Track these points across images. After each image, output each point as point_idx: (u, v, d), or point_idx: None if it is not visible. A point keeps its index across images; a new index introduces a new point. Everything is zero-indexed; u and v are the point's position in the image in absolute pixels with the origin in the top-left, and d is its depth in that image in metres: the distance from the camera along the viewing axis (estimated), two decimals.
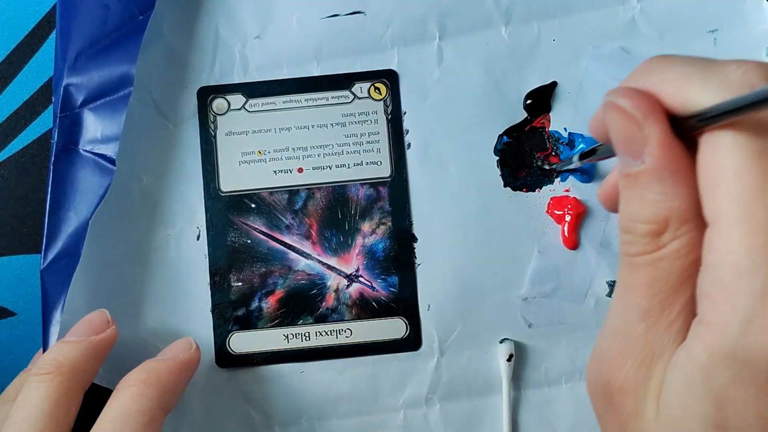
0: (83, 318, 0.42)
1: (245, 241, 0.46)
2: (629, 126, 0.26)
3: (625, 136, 0.27)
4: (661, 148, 0.26)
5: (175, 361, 0.41)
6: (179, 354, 0.42)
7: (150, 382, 0.39)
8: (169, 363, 0.41)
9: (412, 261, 0.46)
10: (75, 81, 0.44)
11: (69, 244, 0.43)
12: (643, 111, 0.26)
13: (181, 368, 0.41)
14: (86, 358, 0.39)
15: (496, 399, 0.46)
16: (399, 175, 0.46)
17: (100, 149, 0.43)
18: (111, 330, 0.41)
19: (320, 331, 0.45)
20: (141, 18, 0.44)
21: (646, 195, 0.26)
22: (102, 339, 0.41)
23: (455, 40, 0.47)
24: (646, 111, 0.26)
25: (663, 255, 0.26)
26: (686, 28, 0.46)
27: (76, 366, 0.39)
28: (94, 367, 0.40)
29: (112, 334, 0.41)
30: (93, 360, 0.40)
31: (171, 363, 0.41)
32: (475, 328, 0.46)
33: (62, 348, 0.39)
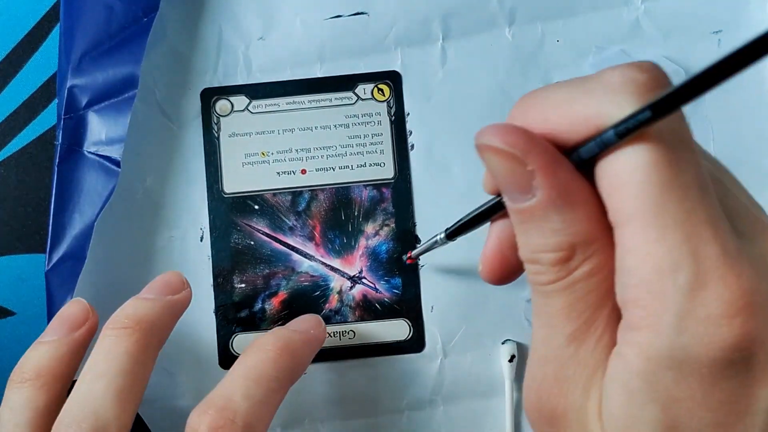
0: (159, 276, 0.41)
1: (248, 242, 0.46)
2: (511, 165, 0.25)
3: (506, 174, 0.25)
4: (550, 179, 0.25)
5: (309, 336, 0.40)
6: (311, 329, 0.41)
7: (286, 350, 0.38)
8: (304, 336, 0.40)
9: (416, 262, 0.46)
10: (79, 82, 0.43)
11: (74, 246, 0.43)
12: (521, 147, 0.25)
13: (314, 344, 0.41)
14: (163, 317, 0.38)
15: (500, 400, 0.46)
16: (402, 177, 0.46)
17: (104, 151, 0.43)
18: (186, 291, 0.40)
19: None
20: (145, 20, 0.44)
21: (546, 226, 0.25)
22: (178, 299, 0.40)
23: (459, 41, 0.47)
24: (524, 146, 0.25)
25: (576, 278, 0.25)
26: (690, 30, 0.46)
27: (153, 323, 0.38)
28: (170, 327, 0.39)
29: (187, 295, 0.40)
30: (169, 320, 0.39)
31: (305, 336, 0.40)
32: (479, 329, 0.46)
33: (139, 304, 0.38)
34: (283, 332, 0.39)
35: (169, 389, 0.45)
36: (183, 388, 0.45)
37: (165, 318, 0.39)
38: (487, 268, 0.32)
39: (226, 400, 0.35)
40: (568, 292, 0.25)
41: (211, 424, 0.34)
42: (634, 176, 0.23)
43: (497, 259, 0.32)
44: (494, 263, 0.32)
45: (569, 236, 0.25)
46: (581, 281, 0.25)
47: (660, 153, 0.23)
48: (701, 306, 0.23)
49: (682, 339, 0.23)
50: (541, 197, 0.25)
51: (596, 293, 0.25)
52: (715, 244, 0.23)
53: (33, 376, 0.37)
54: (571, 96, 0.25)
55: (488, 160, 0.26)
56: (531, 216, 0.25)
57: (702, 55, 0.46)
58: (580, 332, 0.26)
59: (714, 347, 0.23)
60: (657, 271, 0.23)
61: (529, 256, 0.26)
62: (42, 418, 0.36)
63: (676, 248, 0.23)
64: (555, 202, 0.25)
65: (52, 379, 0.37)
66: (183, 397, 0.45)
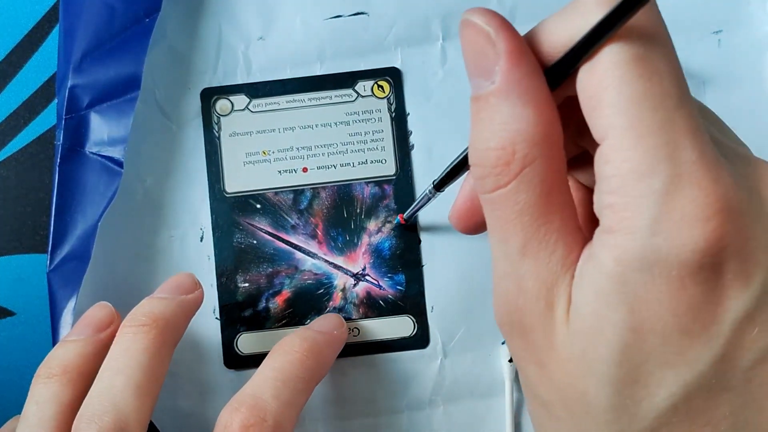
0: (171, 278, 0.42)
1: (251, 241, 0.46)
2: (481, 41, 0.25)
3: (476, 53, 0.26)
4: (512, 65, 0.25)
5: (333, 336, 0.42)
6: (334, 329, 0.42)
7: (313, 352, 0.39)
8: (328, 337, 0.41)
9: (419, 258, 0.46)
10: (80, 82, 0.43)
11: (76, 247, 0.43)
12: (495, 25, 0.25)
13: (337, 344, 0.42)
14: (178, 315, 0.39)
15: (500, 401, 0.46)
16: (404, 173, 0.46)
17: (107, 151, 0.43)
18: (199, 292, 0.41)
19: None
20: (147, 20, 0.44)
21: (495, 118, 0.25)
22: (191, 299, 0.41)
23: (459, 41, 0.47)
24: (498, 26, 0.25)
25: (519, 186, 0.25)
26: (690, 29, 0.47)
27: (169, 321, 0.38)
28: (184, 326, 0.40)
29: (199, 295, 0.41)
30: (184, 318, 0.40)
31: (330, 337, 0.41)
32: (479, 329, 0.46)
33: (154, 303, 0.39)
34: (308, 333, 0.40)
35: (172, 389, 0.45)
36: (187, 388, 0.45)
37: (179, 316, 0.39)
38: (456, 212, 0.33)
39: (257, 399, 0.36)
40: (512, 200, 0.26)
41: (244, 421, 0.35)
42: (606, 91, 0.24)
43: (466, 206, 0.33)
44: (462, 209, 0.33)
45: (513, 133, 0.25)
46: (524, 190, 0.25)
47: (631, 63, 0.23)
48: (676, 209, 0.23)
49: (654, 241, 0.23)
50: (499, 82, 0.25)
51: (541, 204, 0.25)
52: (693, 149, 0.23)
53: (59, 372, 0.37)
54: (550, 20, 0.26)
55: (465, 37, 0.26)
56: (486, 104, 0.25)
57: (702, 55, 0.46)
58: (531, 245, 0.26)
59: (685, 249, 0.23)
60: (633, 176, 0.23)
61: (475, 156, 0.26)
62: (66, 413, 0.36)
63: (651, 153, 0.23)
64: (510, 91, 0.25)
65: (78, 375, 0.38)
66: (187, 397, 0.45)
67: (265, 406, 0.36)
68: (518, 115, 0.25)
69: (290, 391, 0.37)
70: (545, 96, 0.25)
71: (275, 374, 0.37)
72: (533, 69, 0.25)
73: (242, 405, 0.36)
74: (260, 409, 0.36)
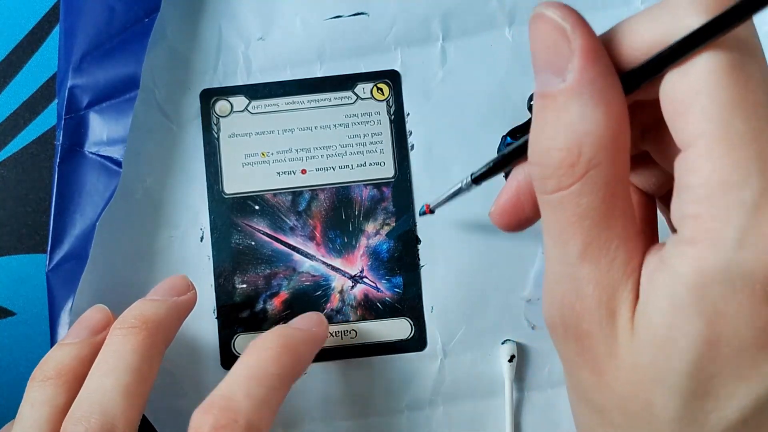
0: (164, 280, 0.42)
1: (249, 243, 0.46)
2: (556, 37, 0.25)
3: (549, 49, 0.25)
4: (587, 64, 0.24)
5: (310, 333, 0.41)
6: (313, 327, 0.42)
7: (288, 348, 0.38)
8: (305, 334, 0.40)
9: (417, 261, 0.46)
10: (80, 82, 0.43)
11: (75, 247, 0.43)
12: (572, 22, 0.24)
13: (316, 341, 0.41)
14: (169, 317, 0.39)
15: (500, 401, 0.46)
16: (402, 176, 0.46)
17: (106, 151, 0.43)
18: (191, 293, 0.41)
19: None
20: (147, 20, 0.44)
21: (563, 117, 0.25)
22: (183, 300, 0.41)
23: (459, 41, 0.47)
24: (575, 22, 0.24)
25: (582, 189, 0.25)
26: None
27: (159, 323, 0.38)
28: (175, 328, 0.40)
29: (192, 297, 0.41)
30: (175, 320, 0.40)
31: (307, 334, 0.40)
32: (479, 330, 0.46)
33: (146, 305, 0.39)
34: (284, 330, 0.40)
35: (170, 389, 0.45)
36: (184, 388, 0.45)
37: (171, 318, 0.39)
38: (499, 209, 0.32)
39: (228, 399, 0.35)
40: (574, 203, 0.25)
41: (215, 423, 0.34)
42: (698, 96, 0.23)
43: (511, 203, 0.32)
44: (507, 206, 0.32)
45: (581, 134, 0.24)
46: (585, 195, 0.25)
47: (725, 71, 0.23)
48: (765, 223, 0.22)
49: (740, 254, 0.23)
50: (571, 81, 0.24)
51: (603, 209, 0.25)
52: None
53: (54, 375, 0.37)
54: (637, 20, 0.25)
55: (537, 31, 0.25)
56: (553, 101, 0.25)
57: None
58: (591, 250, 0.25)
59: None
60: (722, 187, 0.23)
61: (538, 155, 0.26)
62: (60, 416, 0.36)
63: (742, 164, 0.22)
64: (582, 91, 0.24)
65: (73, 378, 0.38)
66: (184, 398, 0.45)
67: (237, 407, 0.35)
68: (588, 116, 0.24)
69: (264, 389, 0.36)
70: (618, 98, 0.25)
71: (248, 372, 0.36)
72: (608, 69, 0.25)
73: (213, 406, 0.35)
74: (232, 410, 0.35)
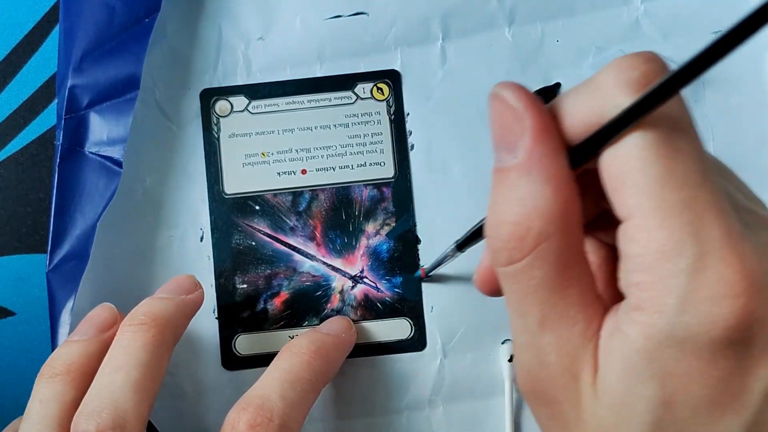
0: (172, 279, 0.42)
1: (250, 243, 0.46)
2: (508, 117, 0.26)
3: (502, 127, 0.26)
4: (535, 143, 0.25)
5: (340, 339, 0.42)
6: (342, 332, 0.43)
7: (320, 354, 0.40)
8: (336, 339, 0.42)
9: (417, 261, 0.46)
10: (80, 82, 0.43)
11: (76, 247, 0.43)
12: (524, 102, 0.25)
13: (345, 347, 0.43)
14: (178, 315, 0.40)
15: (499, 401, 0.46)
16: (402, 176, 0.46)
17: (106, 151, 0.43)
18: (199, 292, 0.42)
19: None
20: (147, 20, 0.44)
21: (514, 192, 0.25)
22: (191, 299, 0.41)
23: (458, 41, 0.47)
24: (526, 103, 0.25)
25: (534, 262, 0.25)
26: (690, 30, 0.46)
27: (168, 320, 0.39)
28: (183, 326, 0.41)
29: (200, 296, 0.42)
30: (183, 318, 0.41)
31: (338, 340, 0.42)
32: (479, 329, 0.46)
33: (154, 303, 0.40)
34: (316, 335, 0.41)
35: (170, 389, 0.45)
36: (184, 388, 0.45)
37: (179, 316, 0.40)
38: (480, 277, 0.33)
39: (264, 399, 0.37)
40: (527, 275, 0.26)
41: (250, 421, 0.36)
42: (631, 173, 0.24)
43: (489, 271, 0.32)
44: (486, 275, 0.33)
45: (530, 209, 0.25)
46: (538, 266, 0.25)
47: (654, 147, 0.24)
48: (703, 286, 0.23)
49: (683, 318, 0.23)
50: (521, 158, 0.25)
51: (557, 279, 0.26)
52: (718, 227, 0.23)
53: (63, 371, 0.38)
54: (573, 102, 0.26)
55: (492, 110, 0.26)
56: (505, 178, 0.26)
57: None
58: (550, 319, 0.26)
59: (715, 327, 0.23)
60: (659, 255, 0.23)
61: (491, 228, 0.26)
62: (69, 412, 0.37)
63: (677, 233, 0.23)
64: (529, 169, 0.25)
65: (81, 375, 0.38)
66: (185, 397, 0.45)
67: (271, 407, 0.37)
68: (537, 193, 0.25)
69: (297, 393, 0.38)
70: (565, 174, 0.25)
71: (282, 375, 0.38)
72: (556, 147, 0.25)
73: (249, 405, 0.37)
74: (267, 409, 0.36)
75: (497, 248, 0.26)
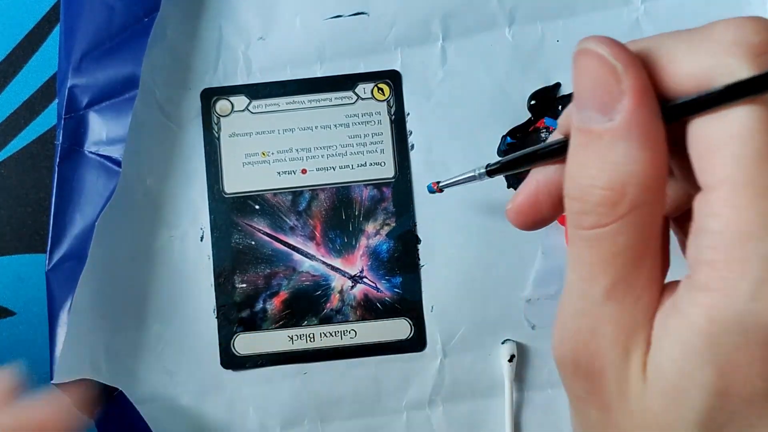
0: None
1: (249, 242, 0.46)
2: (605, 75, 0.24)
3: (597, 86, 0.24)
4: (638, 106, 0.24)
5: None
6: None
7: None
8: None
9: (417, 261, 0.46)
10: (80, 82, 0.43)
11: (75, 246, 0.43)
12: (624, 61, 0.24)
13: None
14: None
15: (499, 400, 0.46)
16: (402, 176, 0.46)
17: (105, 151, 0.43)
18: None
19: (325, 332, 0.45)
20: (146, 20, 0.44)
21: (608, 156, 0.24)
22: None
23: (459, 41, 0.47)
24: (627, 62, 0.24)
25: (621, 228, 0.24)
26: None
27: None
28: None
29: None
30: None
31: None
32: (479, 329, 0.46)
33: None
34: None
35: (169, 389, 0.45)
36: (183, 387, 0.45)
37: None
38: (516, 207, 0.31)
39: None
40: (610, 241, 0.24)
41: None
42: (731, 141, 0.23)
43: (529, 202, 0.31)
44: (525, 205, 0.31)
45: (626, 175, 0.24)
46: (624, 233, 0.24)
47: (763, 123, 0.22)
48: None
49: (755, 306, 0.22)
50: (620, 121, 0.24)
51: (638, 248, 0.24)
52: None
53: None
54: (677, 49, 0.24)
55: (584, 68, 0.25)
56: (598, 140, 0.24)
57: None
58: (618, 288, 0.25)
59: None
60: (741, 236, 0.22)
61: (577, 191, 0.25)
62: None
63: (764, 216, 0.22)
64: (630, 132, 0.24)
65: None
66: (183, 397, 0.45)
67: None
68: (634, 158, 0.24)
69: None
70: (662, 140, 0.24)
71: None
72: (655, 111, 0.24)
73: None
74: None
75: (582, 210, 0.25)
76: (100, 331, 0.45)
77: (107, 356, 0.45)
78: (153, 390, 0.45)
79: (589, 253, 0.25)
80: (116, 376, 0.45)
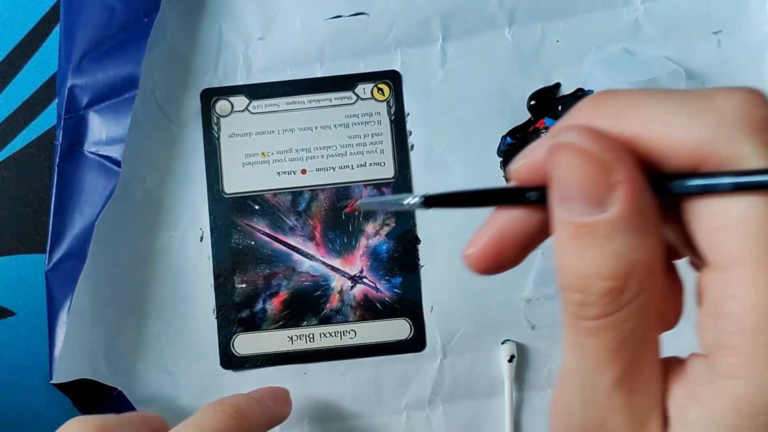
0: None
1: (249, 242, 0.46)
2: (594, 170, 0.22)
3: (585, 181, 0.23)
4: (633, 195, 0.22)
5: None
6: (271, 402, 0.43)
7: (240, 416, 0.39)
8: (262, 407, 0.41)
9: (416, 262, 0.46)
10: (80, 82, 0.44)
11: (74, 246, 0.43)
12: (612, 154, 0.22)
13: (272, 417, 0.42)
14: (260, 419, 0.40)
15: (499, 401, 0.46)
16: (402, 176, 0.46)
17: (105, 151, 0.43)
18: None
19: (324, 332, 0.45)
20: (146, 20, 0.44)
21: (607, 247, 0.22)
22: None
23: (459, 42, 0.47)
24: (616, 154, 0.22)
25: (627, 314, 0.23)
26: (690, 30, 0.46)
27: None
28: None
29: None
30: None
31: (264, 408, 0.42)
32: (478, 330, 0.46)
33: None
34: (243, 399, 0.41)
35: (169, 389, 0.45)
36: (183, 387, 0.45)
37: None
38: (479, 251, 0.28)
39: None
40: (616, 329, 0.23)
41: None
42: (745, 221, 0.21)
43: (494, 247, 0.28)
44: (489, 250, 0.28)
45: (630, 264, 0.22)
46: (629, 320, 0.23)
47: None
48: None
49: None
50: (617, 212, 0.22)
51: (643, 331, 0.23)
52: None
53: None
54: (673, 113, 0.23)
55: (564, 162, 0.23)
56: (593, 233, 0.23)
57: (702, 55, 0.46)
58: (627, 377, 0.24)
59: None
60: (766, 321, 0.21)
61: (577, 283, 0.23)
62: None
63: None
64: (629, 222, 0.22)
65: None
66: (183, 397, 0.45)
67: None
68: (636, 246, 0.22)
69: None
70: (657, 221, 0.23)
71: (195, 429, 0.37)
72: (649, 195, 0.23)
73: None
74: None
75: (586, 303, 0.23)
76: (99, 331, 0.45)
77: (107, 356, 0.45)
78: (153, 390, 0.45)
79: (592, 342, 0.24)
80: (116, 376, 0.45)
